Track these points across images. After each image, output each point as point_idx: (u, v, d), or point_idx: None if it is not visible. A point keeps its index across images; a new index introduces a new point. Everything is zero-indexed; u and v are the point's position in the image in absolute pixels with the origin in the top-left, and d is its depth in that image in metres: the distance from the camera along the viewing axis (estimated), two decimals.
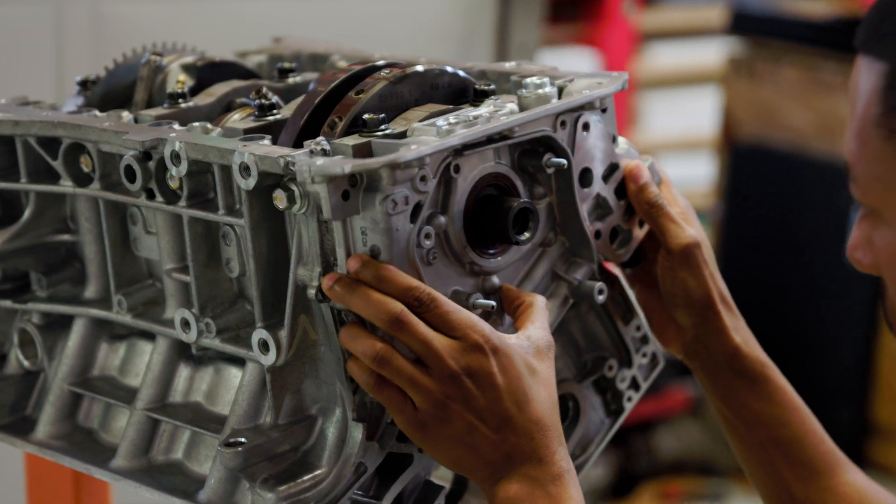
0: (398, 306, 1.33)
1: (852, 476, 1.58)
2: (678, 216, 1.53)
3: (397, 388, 1.35)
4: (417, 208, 1.36)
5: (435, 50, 3.21)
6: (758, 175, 4.67)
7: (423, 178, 1.35)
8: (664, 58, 5.71)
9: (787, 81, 4.64)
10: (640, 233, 1.56)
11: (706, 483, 4.34)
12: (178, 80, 1.66)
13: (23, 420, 1.63)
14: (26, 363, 1.63)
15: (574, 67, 4.36)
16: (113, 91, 1.68)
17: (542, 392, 1.38)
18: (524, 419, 1.35)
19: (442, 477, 1.55)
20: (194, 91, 1.64)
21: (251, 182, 1.34)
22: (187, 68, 1.68)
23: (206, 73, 1.68)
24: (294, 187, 1.33)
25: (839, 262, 4.52)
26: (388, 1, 3.26)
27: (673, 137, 5.42)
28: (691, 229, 1.53)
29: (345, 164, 1.30)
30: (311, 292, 1.36)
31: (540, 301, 1.43)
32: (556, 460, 1.36)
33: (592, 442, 1.61)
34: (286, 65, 1.68)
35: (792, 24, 4.80)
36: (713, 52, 5.32)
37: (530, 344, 1.39)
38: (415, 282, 1.35)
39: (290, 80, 1.66)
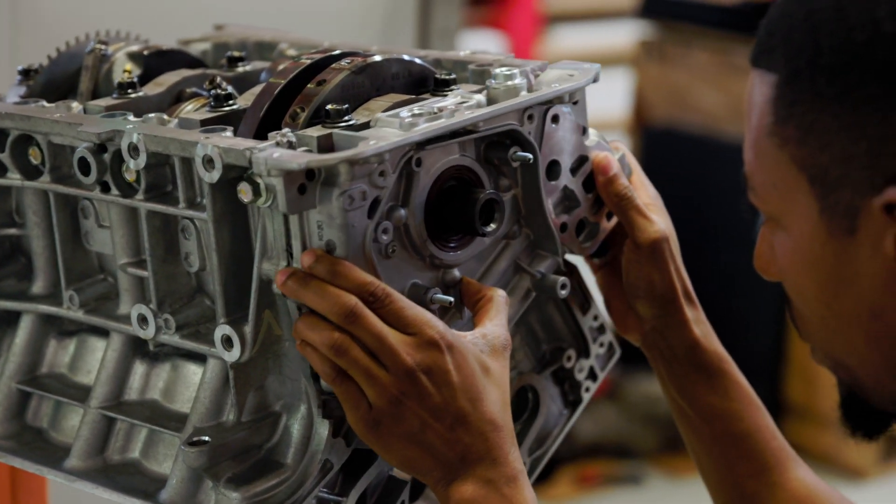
0: (352, 300, 1.31)
1: (801, 472, 1.59)
2: (647, 209, 1.53)
3: (356, 383, 1.33)
4: (375, 203, 1.33)
5: (357, 34, 3.19)
6: (670, 157, 4.71)
7: (381, 174, 1.32)
8: (571, 40, 5.74)
9: (698, 65, 4.67)
10: (607, 225, 1.55)
11: (623, 466, 4.37)
12: (125, 69, 1.62)
13: None
14: None
15: (478, 51, 4.36)
16: (56, 80, 1.64)
17: (496, 391, 1.36)
18: (478, 418, 1.34)
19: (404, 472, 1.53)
20: (142, 80, 1.60)
21: (215, 175, 1.31)
22: (134, 57, 1.64)
23: (153, 61, 1.64)
24: (259, 180, 1.30)
25: (751, 244, 4.57)
26: None
27: None
28: (660, 223, 1.53)
29: (301, 159, 1.27)
30: (277, 287, 1.33)
31: (500, 297, 1.42)
32: (510, 461, 1.35)
33: (550, 434, 1.60)
34: (235, 53, 1.64)
35: (703, 7, 4.84)
36: (623, 35, 5.35)
37: (486, 342, 1.37)
38: (369, 277, 1.33)
39: (240, 68, 1.63)
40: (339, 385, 1.33)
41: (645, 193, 1.55)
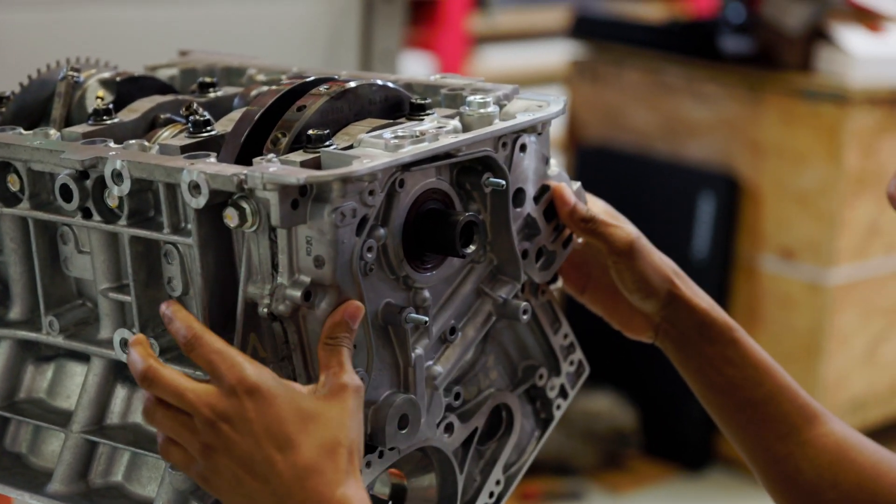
0: (143, 364, 1.32)
1: (830, 426, 1.61)
2: (610, 218, 1.57)
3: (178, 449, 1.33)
4: (363, 221, 1.36)
5: (301, 55, 3.21)
6: (603, 176, 4.76)
7: (371, 192, 1.35)
8: (502, 60, 5.78)
9: (630, 84, 4.74)
10: (564, 253, 1.59)
11: (564, 482, 4.41)
12: (97, 95, 1.63)
13: None
14: None
15: (409, 72, 4.38)
16: (27, 107, 1.64)
17: (318, 435, 1.30)
18: (290, 465, 1.29)
19: (382, 492, 1.56)
20: (115, 106, 1.61)
21: (201, 200, 1.32)
22: (106, 83, 1.65)
23: (125, 88, 1.66)
24: (245, 205, 1.32)
25: (685, 259, 4.63)
26: (252, 6, 3.25)
27: None
28: (627, 225, 1.58)
29: (299, 174, 1.30)
30: (263, 310, 1.35)
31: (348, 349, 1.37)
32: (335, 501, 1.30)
33: (525, 451, 1.63)
34: (207, 79, 1.66)
35: (633, 27, 4.91)
36: (556, 55, 5.40)
37: (318, 387, 1.33)
38: (188, 320, 1.34)
39: (212, 94, 1.64)
40: (166, 451, 1.34)
41: (599, 208, 1.59)
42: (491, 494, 1.61)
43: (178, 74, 1.78)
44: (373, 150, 1.36)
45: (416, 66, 5.23)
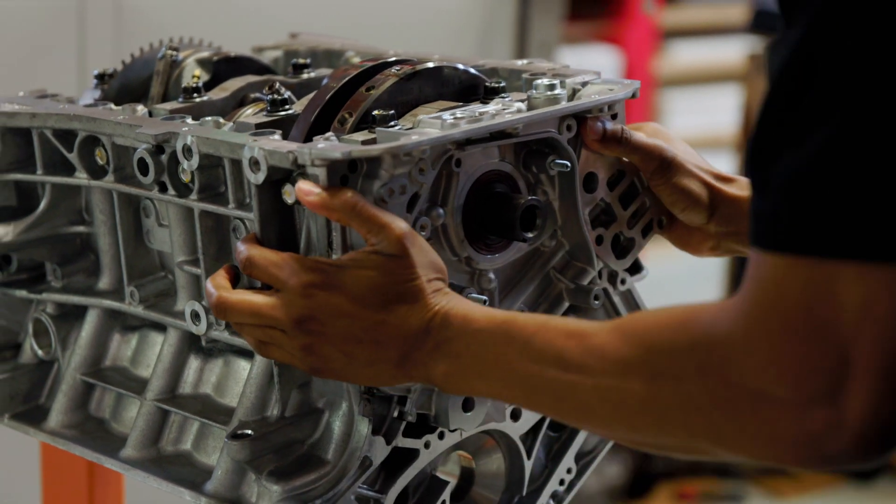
0: (214, 295, 1.37)
1: None
2: (641, 132, 1.54)
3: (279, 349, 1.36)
4: (414, 198, 1.37)
5: (453, 46, 3.22)
6: None
7: (421, 170, 1.36)
8: (685, 55, 5.71)
9: None
10: (643, 241, 1.57)
11: (724, 484, 4.34)
12: (193, 74, 1.67)
13: (36, 409, 1.66)
14: (40, 353, 1.65)
15: (595, 65, 4.30)
16: (130, 85, 1.70)
17: (396, 279, 1.31)
18: (385, 315, 1.31)
19: (450, 472, 1.56)
20: (210, 85, 1.65)
21: (260, 176, 1.35)
22: (203, 63, 1.69)
23: (222, 67, 1.70)
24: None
25: None
26: None
27: (694, 135, 5.41)
28: (657, 140, 1.53)
29: (344, 149, 1.31)
30: None
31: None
32: (435, 312, 1.31)
33: (603, 440, 1.63)
34: (300, 60, 1.69)
35: None
36: (734, 50, 5.31)
37: (370, 250, 1.33)
38: (240, 248, 1.36)
39: (305, 75, 1.68)
40: (265, 351, 1.37)
41: (633, 130, 1.55)
42: (562, 482, 1.60)
43: (282, 56, 1.82)
44: (430, 129, 1.37)
45: (601, 60, 5.20)
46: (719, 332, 1.10)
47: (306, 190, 1.32)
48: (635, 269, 1.60)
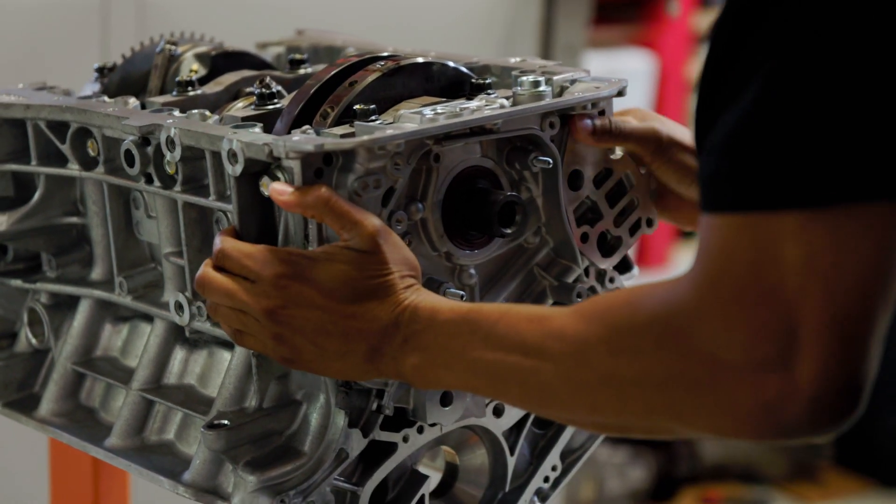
0: (201, 273, 1.37)
1: None
2: (630, 117, 1.53)
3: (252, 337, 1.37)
4: (390, 192, 1.37)
5: (476, 49, 3.21)
6: None
7: (397, 164, 1.36)
8: None
9: None
10: (630, 240, 1.57)
11: (749, 490, 4.32)
12: (191, 68, 1.69)
13: (30, 397, 1.68)
14: (34, 342, 1.68)
15: (627, 69, 4.16)
16: (129, 78, 1.72)
17: (367, 274, 1.32)
18: (355, 309, 1.31)
19: (433, 467, 1.57)
20: (207, 80, 1.67)
21: (238, 168, 1.36)
22: (201, 57, 1.71)
23: (220, 62, 1.71)
24: (280, 174, 1.35)
25: None
26: None
27: None
28: (649, 123, 1.53)
29: (317, 141, 1.32)
30: None
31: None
32: (405, 307, 1.31)
33: (590, 438, 1.63)
34: (297, 56, 1.70)
35: None
36: None
37: (344, 244, 1.33)
38: (216, 241, 1.37)
39: (301, 71, 1.69)
40: (240, 340, 1.38)
41: (620, 118, 1.54)
42: (546, 479, 1.60)
43: (284, 52, 1.83)
44: (408, 124, 1.37)
45: (634, 64, 5.18)
46: (675, 304, 1.10)
47: (279, 189, 1.33)
48: (625, 267, 1.60)
